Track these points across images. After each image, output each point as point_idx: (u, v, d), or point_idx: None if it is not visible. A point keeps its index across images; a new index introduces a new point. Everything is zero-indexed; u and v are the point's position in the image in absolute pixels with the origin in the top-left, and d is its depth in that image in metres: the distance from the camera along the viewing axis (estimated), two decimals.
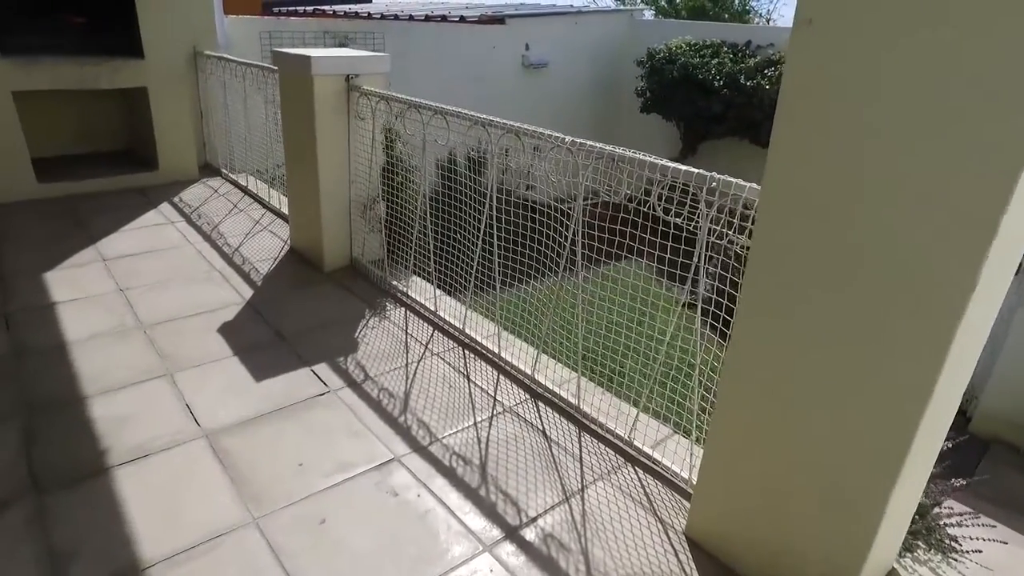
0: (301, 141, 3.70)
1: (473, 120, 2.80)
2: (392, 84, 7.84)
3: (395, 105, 3.25)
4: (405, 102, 3.16)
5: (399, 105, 3.22)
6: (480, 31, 8.39)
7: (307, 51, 3.56)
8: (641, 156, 2.19)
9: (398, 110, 3.25)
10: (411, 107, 3.13)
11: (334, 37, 7.11)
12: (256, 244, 4.23)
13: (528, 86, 9.07)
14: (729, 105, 7.95)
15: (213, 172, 5.85)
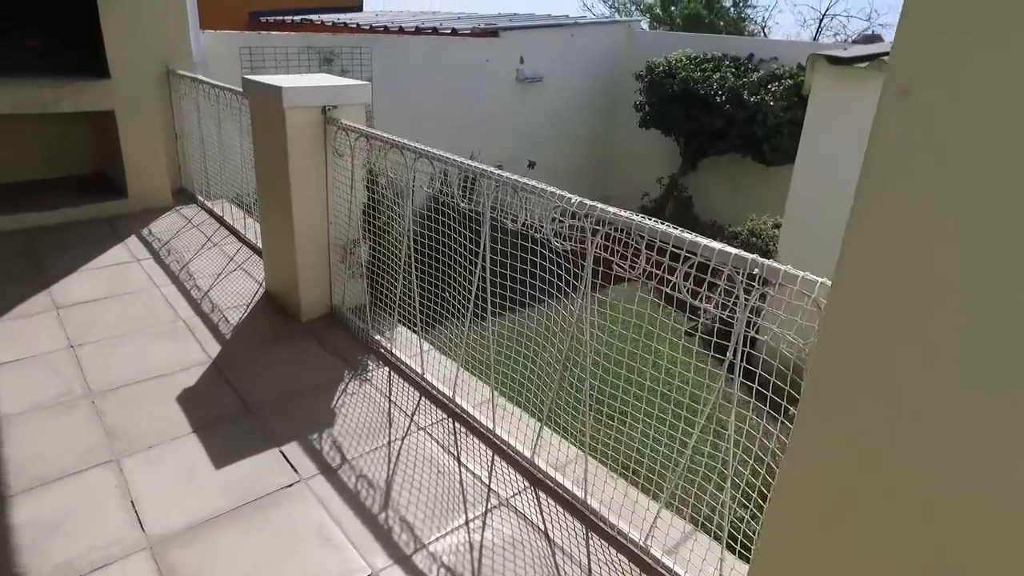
0: (273, 178, 3.35)
1: (463, 168, 2.45)
2: (382, 100, 7.51)
3: (375, 142, 2.90)
4: (387, 141, 2.81)
5: (380, 143, 2.87)
6: (473, 44, 8.06)
7: (278, 80, 3.21)
8: (664, 227, 1.85)
9: (379, 148, 2.90)
10: (393, 147, 2.78)
11: (318, 53, 6.76)
12: (228, 287, 3.87)
13: (523, 100, 8.74)
14: (732, 121, 7.64)
15: (188, 199, 5.48)
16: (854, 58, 4.95)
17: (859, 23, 24.47)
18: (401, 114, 7.58)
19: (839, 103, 5.14)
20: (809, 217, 5.49)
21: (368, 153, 3.01)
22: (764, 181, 8.38)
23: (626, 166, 10.05)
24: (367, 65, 7.14)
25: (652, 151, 9.37)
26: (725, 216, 8.87)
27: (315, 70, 6.80)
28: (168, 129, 5.51)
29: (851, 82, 5.01)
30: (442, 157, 2.53)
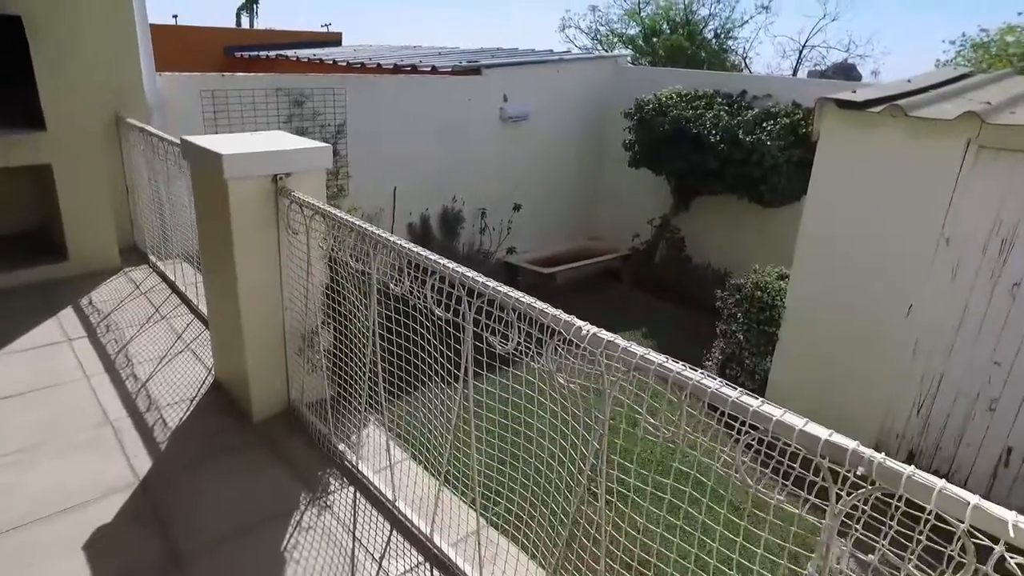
0: (218, 255, 2.84)
1: (440, 273, 1.96)
2: (357, 143, 7.07)
3: (330, 220, 2.41)
4: (345, 224, 2.32)
5: (336, 224, 2.38)
6: (454, 83, 7.66)
7: (221, 143, 2.72)
8: (706, 383, 1.37)
9: (334, 227, 2.41)
10: (352, 231, 2.28)
11: (288, 95, 6.31)
12: (172, 374, 3.33)
13: (507, 140, 8.33)
14: (727, 161, 7.27)
15: (139, 258, 4.95)
16: (867, 102, 4.60)
17: (838, 54, 24.62)
18: (378, 158, 7.14)
19: (850, 149, 4.76)
20: (819, 270, 5.07)
21: (328, 232, 2.51)
22: (761, 222, 8.00)
23: (615, 206, 9.65)
24: (340, 106, 6.70)
25: (642, 191, 8.98)
26: (721, 259, 8.48)
27: (284, 113, 6.35)
28: (118, 182, 5.01)
29: (864, 127, 4.64)
30: (409, 251, 2.04)
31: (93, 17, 4.48)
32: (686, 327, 7.70)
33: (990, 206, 4.37)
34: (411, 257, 1.99)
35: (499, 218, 8.39)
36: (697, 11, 22.82)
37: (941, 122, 4.29)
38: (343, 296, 2.56)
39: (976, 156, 4.33)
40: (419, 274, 2.00)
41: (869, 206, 4.77)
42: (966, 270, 4.53)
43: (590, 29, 24.27)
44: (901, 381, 4.87)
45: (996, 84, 5.70)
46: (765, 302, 5.51)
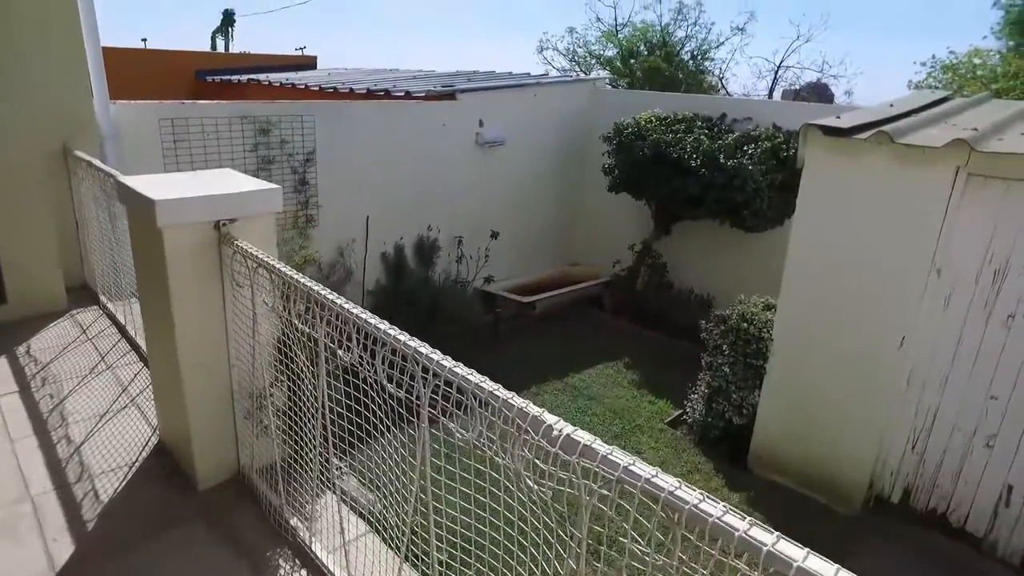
0: (156, 308, 2.57)
1: (392, 346, 1.70)
2: (327, 171, 6.81)
3: (275, 275, 2.14)
4: (291, 282, 2.05)
5: (280, 279, 2.11)
6: (428, 108, 7.46)
7: (157, 185, 2.45)
8: (705, 510, 1.11)
9: (279, 283, 2.14)
10: (297, 289, 2.02)
11: (253, 122, 6.05)
12: (112, 434, 3.03)
13: (483, 165, 8.13)
14: (708, 186, 7.11)
15: (90, 298, 4.64)
16: (852, 128, 4.45)
17: (812, 74, 24.92)
18: (349, 186, 6.89)
19: (836, 177, 4.60)
20: (807, 302, 4.89)
21: (273, 287, 2.24)
22: (743, 247, 7.85)
23: (595, 232, 9.47)
24: (309, 134, 6.45)
25: (623, 216, 8.81)
26: (704, 284, 8.31)
27: (250, 141, 6.08)
28: (67, 217, 4.70)
29: (850, 154, 4.49)
30: (356, 318, 1.78)
31: (37, 41, 4.21)
32: (670, 356, 7.49)
33: (981, 235, 4.22)
34: (359, 324, 1.73)
35: (476, 246, 8.15)
36: (674, 33, 23.01)
37: (929, 149, 4.15)
38: (294, 355, 2.29)
39: (965, 184, 4.19)
40: (369, 343, 1.74)
41: (857, 235, 4.60)
42: (959, 301, 4.37)
43: (568, 51, 24.34)
44: (895, 415, 4.68)
45: (976, 108, 5.61)
46: (751, 334, 5.31)
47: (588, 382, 6.81)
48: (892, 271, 4.50)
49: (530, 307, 8.03)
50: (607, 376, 6.97)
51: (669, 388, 6.63)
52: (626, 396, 6.58)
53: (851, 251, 4.64)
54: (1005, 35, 18.45)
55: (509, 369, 6.96)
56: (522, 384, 6.59)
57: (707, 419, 5.71)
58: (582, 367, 7.10)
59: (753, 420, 5.39)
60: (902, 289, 4.48)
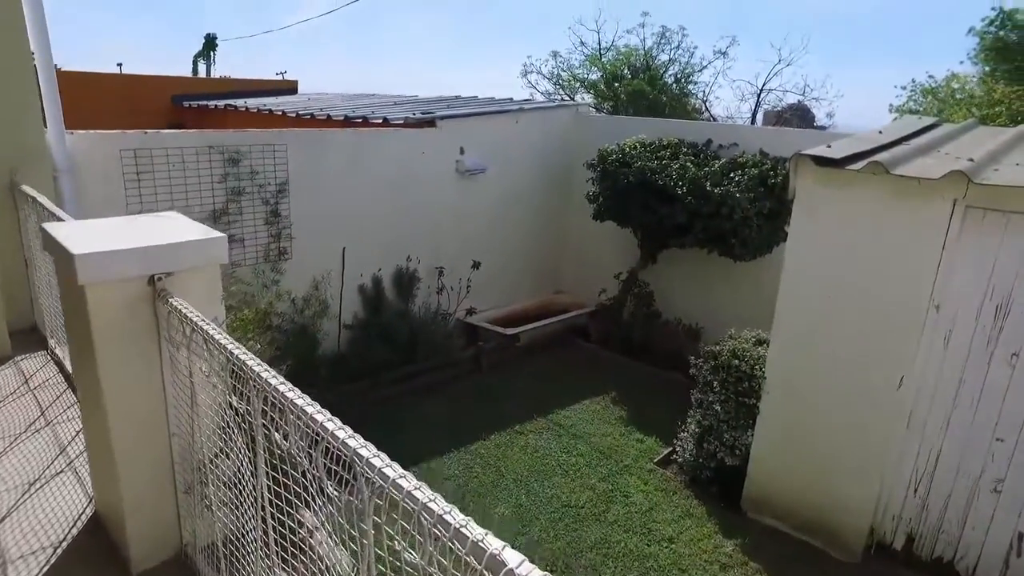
0: (85, 369, 2.28)
1: (327, 445, 1.43)
2: (301, 202, 6.55)
3: (212, 344, 1.86)
4: (226, 353, 1.77)
5: (215, 348, 1.83)
6: (407, 136, 7.24)
7: (82, 233, 2.18)
8: None
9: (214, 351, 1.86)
10: (230, 362, 1.74)
11: (222, 153, 5.79)
12: (42, 506, 2.72)
13: (465, 193, 7.91)
14: (696, 214, 6.93)
15: (38, 343, 4.32)
16: (846, 159, 4.27)
17: (794, 96, 25.13)
18: (324, 217, 6.63)
19: (830, 208, 4.41)
20: (800, 339, 4.67)
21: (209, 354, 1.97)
22: (731, 275, 7.66)
23: (580, 260, 9.26)
24: (281, 163, 6.20)
25: (608, 243, 8.61)
26: (691, 313, 8.10)
27: (218, 172, 5.82)
28: (14, 255, 4.41)
29: (843, 185, 4.30)
30: (292, 406, 1.51)
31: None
32: (657, 389, 7.25)
33: (981, 270, 4.03)
34: (295, 412, 1.46)
35: (458, 276, 7.90)
36: (657, 56, 23.10)
37: (925, 181, 3.97)
38: (231, 431, 2.01)
39: (963, 216, 4.01)
40: (309, 430, 1.47)
41: (851, 269, 4.41)
42: (959, 338, 4.17)
43: (552, 74, 24.35)
44: (895, 458, 4.45)
45: (965, 135, 5.48)
46: (744, 371, 5.08)
47: (574, 419, 6.54)
48: (889, 307, 4.30)
49: (514, 339, 7.77)
50: (593, 412, 6.70)
51: (657, 424, 6.38)
52: (613, 434, 6.31)
53: (845, 286, 4.44)
54: (981, 60, 18.70)
55: (492, 405, 6.69)
56: (506, 422, 6.32)
57: (698, 459, 5.45)
58: (567, 402, 6.83)
59: (746, 461, 5.14)
60: (900, 326, 4.28)
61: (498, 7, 55.12)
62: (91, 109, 12.51)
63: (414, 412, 6.47)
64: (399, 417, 6.35)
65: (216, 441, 2.18)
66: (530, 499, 5.24)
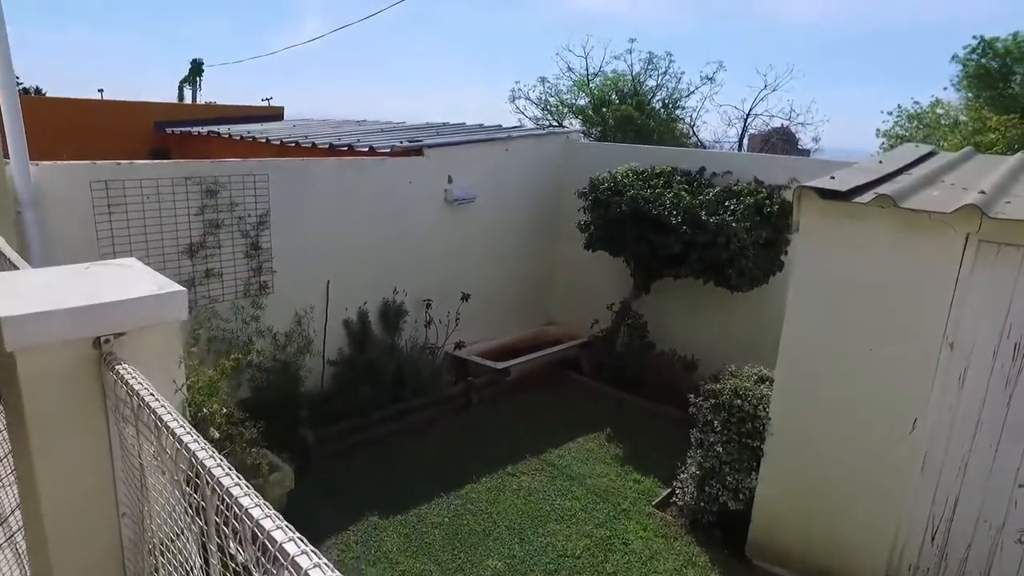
0: (19, 446, 2.00)
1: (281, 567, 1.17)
2: (283, 235, 6.28)
3: (164, 427, 1.60)
4: (175, 439, 1.51)
5: (163, 429, 1.57)
6: (394, 165, 7.03)
7: (20, 287, 1.92)
8: None
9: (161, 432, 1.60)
10: (179, 449, 1.48)
11: (199, 184, 5.54)
12: None
13: (453, 223, 7.69)
14: (691, 245, 6.74)
15: None
16: (852, 191, 4.10)
17: (780, 121, 25.31)
18: (308, 249, 6.39)
19: (836, 243, 4.22)
20: (806, 379, 4.45)
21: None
22: (727, 305, 7.46)
23: (572, 290, 9.04)
24: (262, 194, 5.96)
25: (600, 273, 8.40)
26: (686, 344, 7.88)
27: (195, 204, 5.57)
28: None
29: (850, 218, 4.12)
30: (245, 513, 1.25)
31: None
32: (654, 424, 7.00)
33: (997, 307, 3.84)
34: (245, 519, 1.20)
35: (446, 309, 7.64)
36: (645, 82, 23.23)
37: (936, 215, 3.80)
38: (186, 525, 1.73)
39: (977, 251, 3.82)
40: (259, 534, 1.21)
41: (860, 306, 4.20)
42: (976, 378, 3.96)
43: (540, 100, 24.41)
44: (909, 504, 4.21)
45: (966, 164, 5.35)
46: (746, 411, 4.85)
47: (568, 459, 6.26)
48: (900, 345, 4.09)
49: (504, 373, 7.50)
50: (588, 451, 6.43)
51: (654, 462, 6.12)
52: (610, 474, 6.03)
53: (853, 324, 4.24)
54: (964, 87, 18.97)
55: (483, 445, 6.40)
56: (497, 463, 6.03)
57: (699, 503, 5.18)
58: (561, 440, 6.55)
59: (751, 505, 4.89)
60: (912, 365, 4.07)
61: (487, 33, 55.65)
62: (71, 136, 12.26)
63: (401, 453, 6.17)
64: (385, 458, 6.05)
65: (171, 524, 1.90)
66: (524, 549, 4.94)
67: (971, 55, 18.17)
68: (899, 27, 41.41)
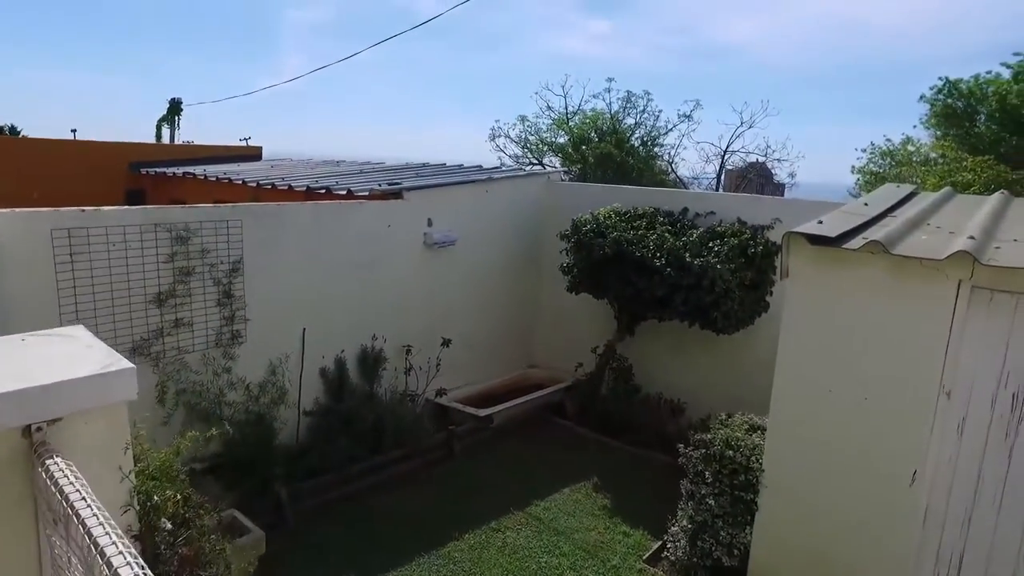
0: None
1: None
2: (258, 281, 6.06)
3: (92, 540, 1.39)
4: (104, 560, 1.30)
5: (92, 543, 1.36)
6: (372, 209, 6.88)
7: None
8: None
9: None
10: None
11: (169, 231, 5.33)
12: None
13: (434, 267, 7.53)
14: (675, 287, 6.63)
15: None
16: (841, 236, 4.02)
17: (757, 157, 25.69)
18: (283, 296, 6.18)
19: (827, 289, 4.12)
20: (800, 430, 4.30)
21: None
22: (712, 347, 7.34)
23: (555, 333, 8.88)
24: (236, 240, 5.76)
25: (584, 314, 8.26)
26: (672, 387, 7.73)
27: (165, 251, 5.35)
28: None
29: (840, 264, 4.03)
30: None
31: None
32: (641, 471, 6.80)
33: (993, 354, 3.73)
34: None
35: (427, 355, 7.43)
36: (623, 120, 23.50)
37: (929, 261, 3.71)
38: None
39: (970, 298, 3.74)
40: None
41: (854, 355, 4.09)
42: (974, 428, 3.83)
43: (520, 138, 24.57)
44: (913, 560, 4.04)
45: (947, 205, 5.32)
46: (739, 463, 4.68)
47: (554, 511, 6.01)
48: (896, 394, 3.97)
49: (487, 420, 7.27)
50: (575, 502, 6.19)
51: (643, 513, 5.89)
52: (598, 527, 5.80)
53: (847, 373, 4.12)
54: (932, 125, 19.47)
55: (466, 498, 6.14)
56: (481, 518, 5.77)
57: (692, 558, 4.96)
58: (546, 492, 6.31)
59: (746, 561, 4.69)
60: (909, 414, 3.94)
61: (468, 72, 56.43)
62: (42, 177, 12.00)
63: (380, 508, 5.89)
64: (364, 515, 5.76)
65: None
66: None
67: (937, 95, 18.71)
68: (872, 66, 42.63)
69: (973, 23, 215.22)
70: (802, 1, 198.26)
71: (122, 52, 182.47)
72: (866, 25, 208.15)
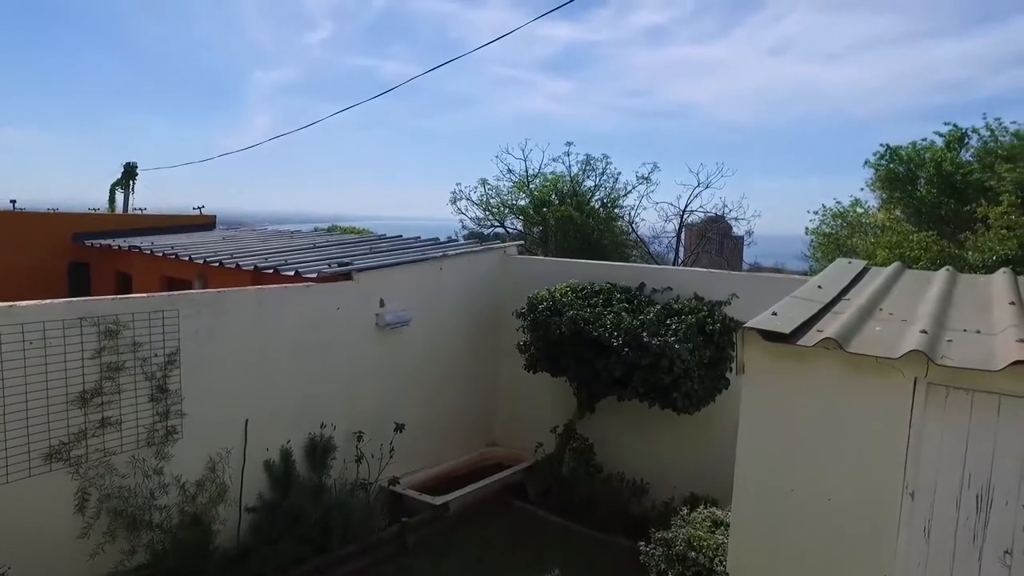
0: None
1: None
2: (196, 374, 5.69)
3: None
4: None
5: None
6: (320, 291, 6.66)
7: None
8: None
9: None
10: None
11: (96, 325, 5.01)
12: None
13: (386, 349, 7.28)
14: (633, 367, 6.50)
15: None
16: (795, 332, 3.94)
17: (715, 217, 26.29)
18: (223, 386, 5.86)
19: (784, 385, 4.01)
20: (763, 534, 4.12)
21: None
22: (673, 425, 7.19)
23: (514, 409, 8.65)
24: (171, 331, 5.45)
25: (542, 391, 8.06)
26: (634, 467, 7.52)
27: (91, 347, 5.02)
28: None
29: (796, 359, 3.93)
30: None
31: None
32: (605, 560, 6.49)
33: (954, 454, 3.62)
34: None
35: (379, 441, 7.10)
36: (583, 182, 23.89)
37: (884, 360, 3.63)
38: None
39: (927, 395, 3.65)
40: None
41: (814, 452, 3.94)
42: (941, 530, 3.68)
43: (481, 201, 24.73)
44: None
45: (898, 284, 5.34)
46: (702, 566, 4.45)
47: None
48: (859, 496, 3.82)
49: (443, 508, 6.92)
50: None
51: None
52: None
53: (808, 472, 3.96)
54: (876, 188, 20.28)
55: None
56: None
57: None
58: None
59: None
60: (874, 517, 3.79)
61: (429, 134, 57.31)
62: None
63: None
64: None
65: None
66: None
67: (880, 160, 19.54)
68: (821, 124, 44.71)
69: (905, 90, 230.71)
70: (754, 66, 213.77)
71: (72, 108, 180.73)
72: (813, 85, 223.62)
